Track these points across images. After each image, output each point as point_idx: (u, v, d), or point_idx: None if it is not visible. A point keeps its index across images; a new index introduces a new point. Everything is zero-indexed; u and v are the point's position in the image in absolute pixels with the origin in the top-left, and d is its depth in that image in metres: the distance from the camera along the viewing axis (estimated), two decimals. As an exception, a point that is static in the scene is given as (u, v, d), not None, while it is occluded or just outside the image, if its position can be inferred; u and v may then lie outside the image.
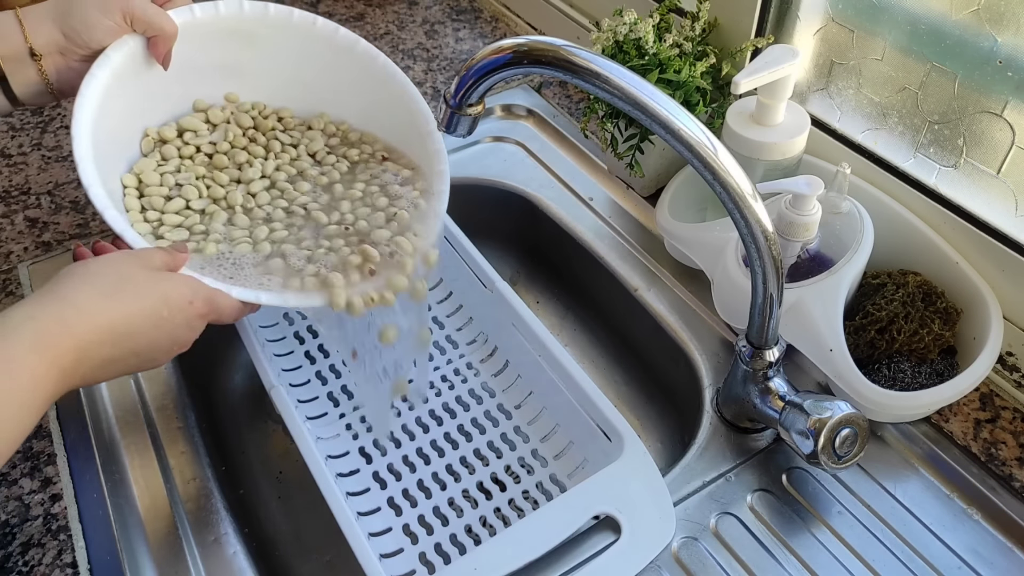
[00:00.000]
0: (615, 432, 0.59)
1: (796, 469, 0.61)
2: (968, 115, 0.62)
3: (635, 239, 0.80)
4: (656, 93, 0.44)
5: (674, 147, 0.46)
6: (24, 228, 0.83)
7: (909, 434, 0.62)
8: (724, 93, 0.76)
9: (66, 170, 0.90)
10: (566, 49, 0.44)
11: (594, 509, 0.55)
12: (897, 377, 0.62)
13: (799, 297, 0.61)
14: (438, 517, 0.63)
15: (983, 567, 0.55)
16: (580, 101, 0.97)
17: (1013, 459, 0.60)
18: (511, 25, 1.12)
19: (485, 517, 0.63)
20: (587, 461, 0.64)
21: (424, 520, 0.62)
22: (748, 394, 0.59)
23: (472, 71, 0.47)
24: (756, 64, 0.64)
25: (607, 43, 0.75)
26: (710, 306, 0.71)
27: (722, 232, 0.69)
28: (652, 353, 0.77)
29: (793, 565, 0.56)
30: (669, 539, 0.54)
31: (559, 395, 0.65)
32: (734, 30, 0.76)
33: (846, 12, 0.67)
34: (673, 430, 0.75)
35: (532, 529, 0.54)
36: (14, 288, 0.77)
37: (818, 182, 0.60)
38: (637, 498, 0.56)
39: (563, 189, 0.87)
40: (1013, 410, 0.63)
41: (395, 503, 0.64)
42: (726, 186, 0.46)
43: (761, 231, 0.48)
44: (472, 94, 0.49)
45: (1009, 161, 0.60)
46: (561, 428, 0.67)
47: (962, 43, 0.60)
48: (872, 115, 0.69)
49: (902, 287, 0.64)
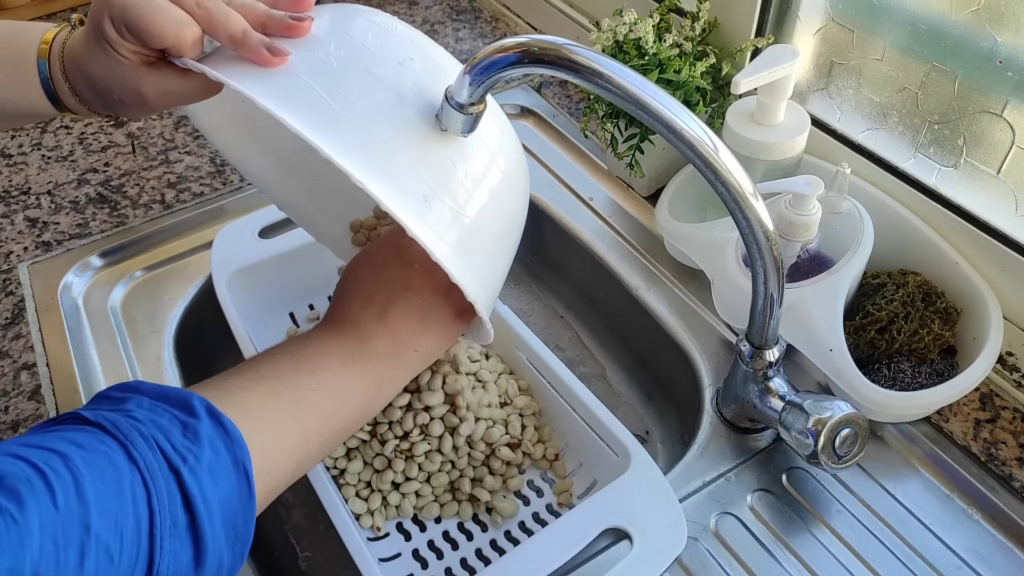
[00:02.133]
0: (621, 447, 0.59)
1: (796, 469, 0.61)
2: (968, 115, 0.62)
3: (635, 239, 0.80)
4: (658, 92, 0.44)
5: (675, 146, 0.46)
6: (24, 228, 0.83)
7: (909, 434, 0.62)
8: (724, 93, 0.76)
9: (66, 170, 0.90)
10: (568, 48, 0.44)
11: (604, 523, 0.55)
12: (897, 377, 0.62)
13: (799, 297, 0.61)
14: (448, 541, 0.63)
15: (983, 567, 0.55)
16: (580, 101, 0.97)
17: (1013, 459, 0.60)
18: (511, 25, 1.12)
19: (495, 540, 0.63)
20: (597, 483, 0.64)
21: (434, 544, 0.63)
22: (748, 394, 0.59)
23: (475, 70, 0.47)
24: (756, 64, 0.64)
25: (607, 43, 0.75)
26: (710, 306, 0.71)
27: (722, 232, 0.69)
28: (652, 353, 0.77)
29: (793, 565, 0.56)
30: (681, 549, 0.54)
31: (566, 415, 0.66)
32: (734, 30, 0.76)
33: (846, 12, 0.67)
34: (673, 430, 0.75)
35: (543, 546, 0.54)
36: (14, 288, 0.77)
37: (818, 182, 0.60)
38: (647, 510, 0.56)
39: (563, 189, 0.87)
40: (1013, 410, 0.63)
41: (404, 528, 0.64)
42: (727, 185, 0.46)
43: (762, 230, 0.48)
44: (475, 93, 0.49)
45: (1009, 161, 0.60)
46: (569, 449, 0.67)
47: (962, 43, 0.60)
48: (872, 115, 0.69)
49: (902, 287, 0.64)
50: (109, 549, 0.33)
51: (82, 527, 0.32)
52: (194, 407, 0.39)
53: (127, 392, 0.39)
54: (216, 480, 0.37)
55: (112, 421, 0.36)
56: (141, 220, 0.84)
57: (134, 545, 0.34)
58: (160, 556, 0.35)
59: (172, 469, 0.36)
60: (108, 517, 0.33)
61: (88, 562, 0.32)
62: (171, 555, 0.35)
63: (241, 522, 0.39)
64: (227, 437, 0.39)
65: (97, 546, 0.32)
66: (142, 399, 0.39)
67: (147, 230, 0.82)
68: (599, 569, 0.55)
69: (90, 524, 0.32)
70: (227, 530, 0.38)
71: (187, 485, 0.36)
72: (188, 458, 0.37)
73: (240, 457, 0.39)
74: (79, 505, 0.32)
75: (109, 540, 0.33)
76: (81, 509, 0.32)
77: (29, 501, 0.31)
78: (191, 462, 0.37)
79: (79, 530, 0.32)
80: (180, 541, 0.36)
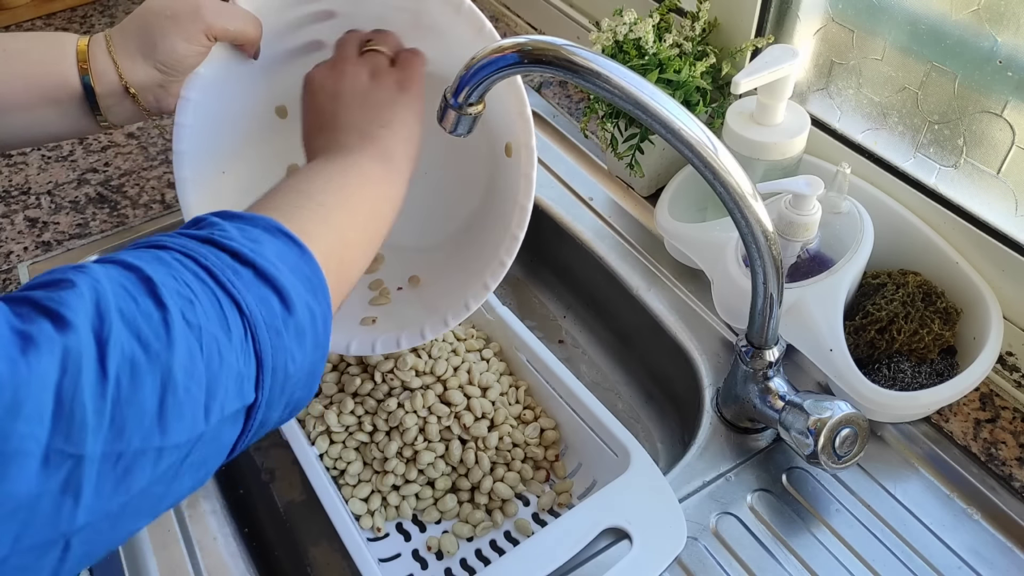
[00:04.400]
0: (621, 447, 0.59)
1: (796, 469, 0.61)
2: (968, 115, 0.62)
3: (635, 239, 0.80)
4: (657, 93, 0.44)
5: (675, 146, 0.46)
6: (24, 228, 0.83)
7: (909, 434, 0.62)
8: (724, 93, 0.76)
9: (66, 170, 0.91)
10: (567, 48, 0.44)
11: (604, 523, 0.55)
12: (897, 377, 0.62)
13: (799, 297, 0.61)
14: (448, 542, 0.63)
15: (983, 567, 0.55)
16: (580, 101, 0.97)
17: (1013, 459, 0.60)
18: (511, 25, 1.12)
19: (495, 540, 0.63)
20: (596, 483, 0.64)
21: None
22: (748, 394, 0.59)
23: (473, 70, 0.47)
24: (756, 64, 0.64)
25: (607, 43, 0.75)
26: (710, 306, 0.71)
27: (722, 232, 0.69)
28: (652, 353, 0.77)
29: (793, 565, 0.56)
30: (680, 548, 0.54)
31: (565, 416, 0.66)
32: (734, 30, 0.76)
33: (846, 12, 0.67)
34: (673, 430, 0.75)
35: (543, 546, 0.54)
36: (14, 288, 0.77)
37: (818, 182, 0.60)
38: (647, 510, 0.56)
39: (563, 189, 0.87)
40: (1013, 410, 0.63)
41: (403, 528, 0.64)
42: (727, 185, 0.46)
43: (761, 231, 0.48)
44: (473, 93, 0.49)
45: (1009, 161, 0.60)
46: (569, 450, 0.67)
47: (962, 43, 0.60)
48: (872, 115, 0.69)
49: (902, 287, 0.64)
50: (181, 292, 0.33)
51: (142, 279, 0.33)
52: (256, 219, 0.40)
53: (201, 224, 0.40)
54: (265, 245, 0.38)
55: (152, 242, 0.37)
56: (141, 220, 0.84)
57: (205, 290, 0.34)
58: (241, 296, 0.35)
59: (206, 241, 0.37)
60: (163, 273, 0.34)
61: (168, 302, 0.32)
62: (254, 298, 0.36)
63: (309, 273, 0.39)
64: (291, 241, 0.40)
65: (166, 289, 0.33)
66: (217, 223, 0.39)
67: (147, 230, 0.82)
68: (599, 569, 0.55)
69: (148, 275, 0.33)
70: (302, 282, 0.38)
71: (229, 246, 0.37)
72: (230, 232, 0.38)
73: (308, 261, 0.40)
74: (127, 270, 0.33)
75: (176, 286, 0.33)
76: (132, 272, 0.33)
77: None
78: (236, 236, 0.38)
79: (141, 282, 0.33)
80: (254, 286, 0.36)
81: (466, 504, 0.64)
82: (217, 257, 0.36)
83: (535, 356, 0.67)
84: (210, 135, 0.60)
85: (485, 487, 0.64)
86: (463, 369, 0.68)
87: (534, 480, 0.66)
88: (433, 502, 0.64)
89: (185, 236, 0.37)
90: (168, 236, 0.37)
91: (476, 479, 0.64)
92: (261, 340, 0.35)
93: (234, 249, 0.37)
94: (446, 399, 0.66)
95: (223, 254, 0.36)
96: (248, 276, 0.36)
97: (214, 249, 0.36)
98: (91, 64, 0.55)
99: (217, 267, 0.35)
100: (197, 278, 0.34)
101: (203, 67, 0.58)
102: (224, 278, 0.35)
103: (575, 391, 0.63)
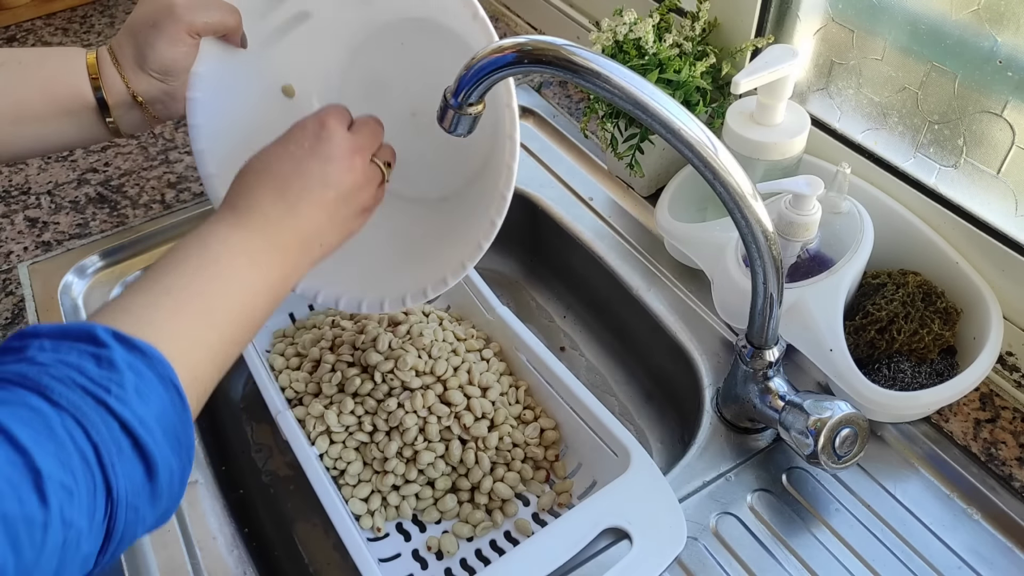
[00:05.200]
0: (621, 447, 0.59)
1: (796, 469, 0.61)
2: (968, 115, 0.62)
3: (635, 239, 0.80)
4: (656, 93, 0.44)
5: (675, 147, 0.46)
6: (24, 228, 0.83)
7: (909, 434, 0.62)
8: (724, 93, 0.76)
9: (66, 170, 0.91)
10: (567, 48, 0.44)
11: (604, 523, 0.55)
12: (897, 377, 0.62)
13: (799, 297, 0.61)
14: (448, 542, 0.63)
15: (983, 567, 0.55)
16: (580, 101, 0.97)
17: (1013, 459, 0.60)
18: (511, 25, 1.12)
19: (495, 540, 0.63)
20: (596, 483, 0.64)
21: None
22: (748, 394, 0.59)
23: (473, 70, 0.47)
24: (756, 64, 0.64)
25: (607, 43, 0.75)
26: (710, 306, 0.71)
27: (722, 232, 0.69)
28: (652, 353, 0.77)
29: (793, 565, 0.56)
30: (680, 548, 0.54)
31: (565, 416, 0.66)
32: (734, 30, 0.76)
33: (846, 12, 0.67)
34: (673, 430, 0.75)
35: (543, 546, 0.54)
36: (14, 288, 0.77)
37: (818, 182, 0.60)
38: (647, 510, 0.56)
39: (563, 189, 0.87)
40: (1013, 410, 0.63)
41: (403, 528, 0.64)
42: (726, 186, 0.46)
43: (761, 231, 0.48)
44: (473, 93, 0.49)
45: (1009, 161, 0.60)
46: (569, 450, 0.67)
47: (962, 43, 0.60)
48: (872, 115, 0.69)
49: (902, 287, 0.64)
50: (64, 484, 0.33)
51: (31, 471, 0.33)
52: (99, 337, 0.38)
53: (25, 339, 0.38)
54: (146, 400, 0.38)
55: (19, 373, 0.36)
56: (141, 220, 0.84)
57: (87, 476, 0.34)
58: (116, 480, 0.35)
59: (98, 401, 0.36)
60: (51, 457, 0.33)
61: (51, 500, 0.32)
62: (125, 477, 0.36)
63: (182, 432, 0.39)
64: (145, 357, 0.39)
65: (51, 483, 0.33)
66: (43, 342, 0.38)
67: (147, 230, 0.82)
68: (599, 569, 0.55)
69: (38, 467, 0.33)
70: (170, 442, 0.38)
71: (118, 412, 0.36)
72: (111, 387, 0.37)
73: (164, 373, 0.39)
74: (18, 454, 0.33)
75: (61, 476, 0.33)
76: (22, 457, 0.33)
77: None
78: (115, 390, 0.37)
79: (29, 474, 0.32)
80: (129, 462, 0.36)
81: (466, 504, 0.64)
82: (107, 428, 0.36)
83: (535, 356, 0.67)
84: (225, 128, 0.61)
85: (485, 487, 0.64)
86: (463, 369, 0.68)
87: (534, 480, 0.65)
88: (433, 502, 0.64)
89: (83, 388, 0.36)
90: (69, 371, 0.36)
91: (476, 479, 0.64)
92: (118, 519, 0.36)
93: (123, 419, 0.36)
94: (446, 399, 0.66)
95: (113, 423, 0.36)
96: (127, 450, 0.36)
97: (106, 415, 0.36)
98: (101, 77, 0.57)
99: (103, 445, 0.35)
100: (83, 461, 0.35)
101: (199, 66, 0.59)
102: (107, 460, 0.35)
103: (575, 391, 0.63)
